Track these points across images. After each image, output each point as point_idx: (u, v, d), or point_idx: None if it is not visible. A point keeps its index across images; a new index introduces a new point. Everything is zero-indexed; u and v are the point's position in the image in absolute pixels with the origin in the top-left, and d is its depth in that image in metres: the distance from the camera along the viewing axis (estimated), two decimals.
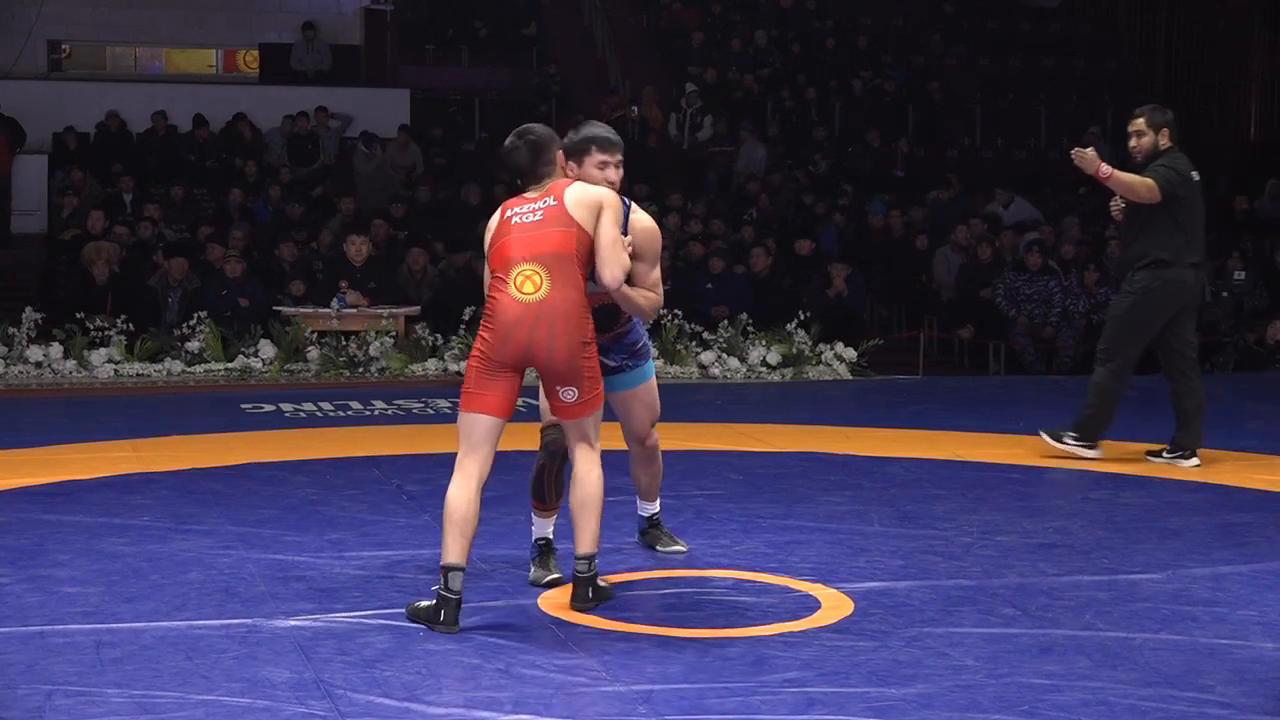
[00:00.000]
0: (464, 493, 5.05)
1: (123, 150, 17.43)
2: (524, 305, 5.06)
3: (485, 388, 5.10)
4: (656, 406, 5.83)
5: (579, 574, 5.17)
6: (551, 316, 5.05)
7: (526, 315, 5.05)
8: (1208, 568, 5.87)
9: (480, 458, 5.10)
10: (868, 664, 4.65)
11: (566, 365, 5.08)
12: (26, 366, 11.69)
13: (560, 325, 5.05)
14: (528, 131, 5.34)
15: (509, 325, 5.06)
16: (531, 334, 5.05)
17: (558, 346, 5.06)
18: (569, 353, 5.07)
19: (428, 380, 11.80)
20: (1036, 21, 21.98)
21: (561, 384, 5.12)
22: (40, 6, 19.66)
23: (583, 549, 5.16)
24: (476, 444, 5.11)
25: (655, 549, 6.01)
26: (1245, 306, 14.69)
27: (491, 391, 5.10)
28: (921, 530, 6.45)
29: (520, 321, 5.05)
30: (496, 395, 5.10)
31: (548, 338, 5.04)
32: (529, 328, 5.05)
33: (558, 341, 5.05)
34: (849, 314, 13.87)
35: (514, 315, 5.06)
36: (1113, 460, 8.12)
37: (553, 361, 5.08)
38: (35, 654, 4.66)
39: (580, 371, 5.10)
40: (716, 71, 19.68)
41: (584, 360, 5.11)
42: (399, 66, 20.07)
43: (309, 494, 7.15)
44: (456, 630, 4.94)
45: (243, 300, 12.86)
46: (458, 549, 5.00)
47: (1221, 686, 4.46)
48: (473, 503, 5.05)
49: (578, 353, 5.08)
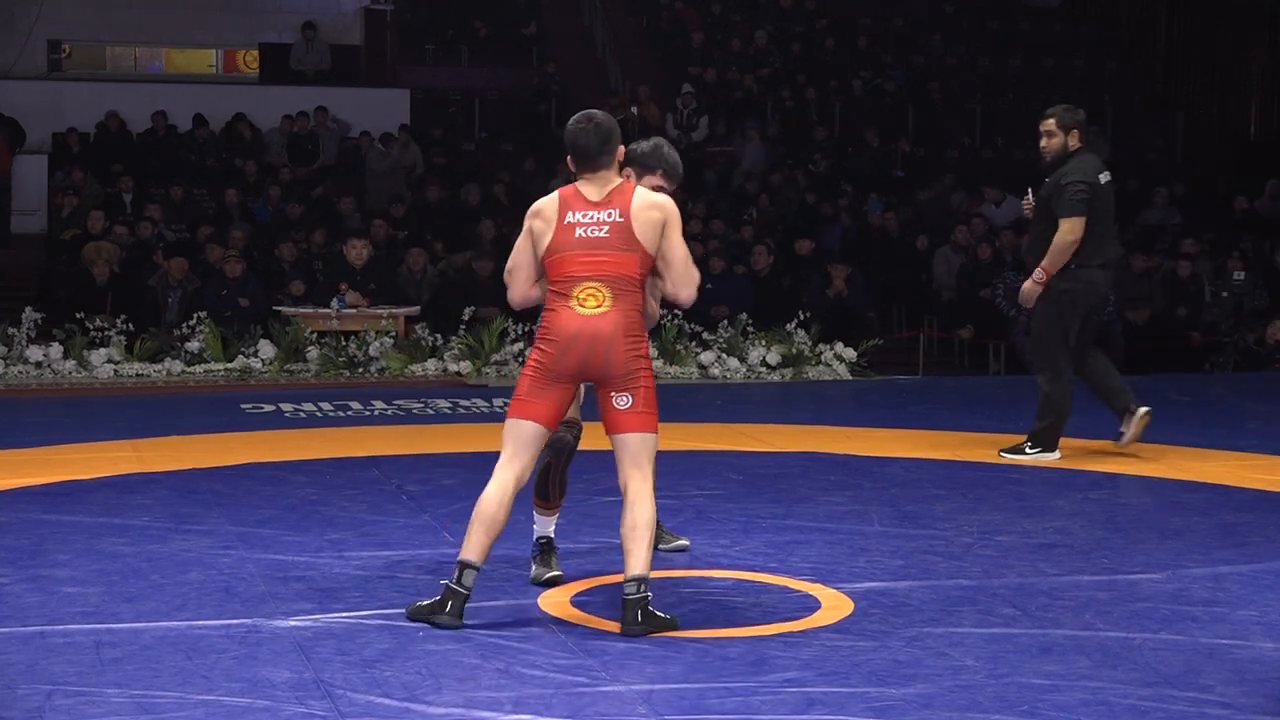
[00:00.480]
0: (498, 494, 5.06)
1: (123, 150, 17.44)
2: (584, 319, 5.07)
3: (537, 397, 5.10)
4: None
5: (628, 596, 5.00)
6: (612, 330, 5.05)
7: (586, 329, 5.06)
8: (1208, 568, 5.87)
9: (522, 464, 5.11)
10: (868, 664, 4.65)
11: (622, 370, 5.05)
12: (26, 366, 11.69)
13: (620, 336, 5.05)
14: (594, 116, 5.25)
15: (569, 338, 5.06)
16: (590, 345, 5.05)
17: (615, 355, 5.05)
18: (624, 359, 5.05)
19: (428, 380, 11.80)
20: (1036, 21, 22.00)
21: (616, 390, 5.08)
22: (40, 6, 19.67)
23: (632, 571, 5.01)
24: (519, 450, 5.11)
25: (657, 548, 5.99)
26: (1245, 306, 14.70)
27: (543, 401, 5.10)
28: (921, 530, 6.45)
29: (580, 334, 5.06)
30: (547, 405, 5.10)
31: (605, 349, 5.05)
32: (588, 340, 5.05)
33: (615, 351, 5.05)
34: (849, 314, 13.87)
35: (575, 328, 5.06)
36: (1113, 460, 8.13)
37: (609, 368, 5.06)
38: (35, 654, 4.66)
39: (636, 380, 5.07)
40: (716, 71, 19.69)
41: (639, 368, 5.08)
42: (399, 66, 20.08)
43: (309, 494, 7.15)
44: (460, 625, 4.94)
45: (243, 300, 12.87)
46: (479, 547, 5.02)
47: (1221, 686, 4.46)
48: (505, 506, 5.06)
49: (634, 362, 5.07)
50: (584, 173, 5.21)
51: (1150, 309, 14.30)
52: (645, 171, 5.49)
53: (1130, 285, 14.59)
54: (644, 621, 4.95)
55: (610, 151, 5.20)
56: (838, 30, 20.87)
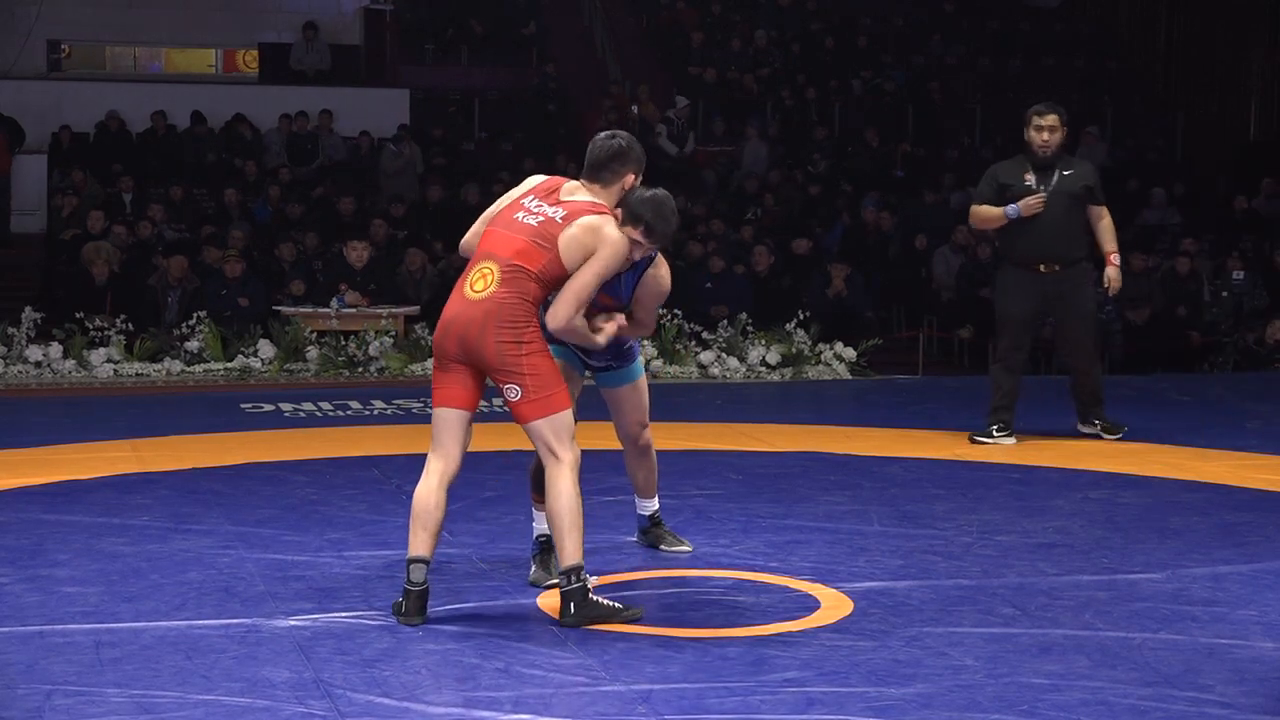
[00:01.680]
0: (425, 487, 5.07)
1: (123, 150, 17.43)
2: (463, 303, 5.07)
3: (442, 382, 5.12)
4: (645, 407, 5.82)
5: (561, 589, 5.03)
6: (485, 315, 5.00)
7: (462, 314, 5.06)
8: (1207, 567, 5.86)
9: (442, 453, 5.10)
10: (868, 664, 4.65)
11: (496, 362, 5.00)
12: (26, 366, 11.69)
13: (491, 322, 4.99)
14: (619, 134, 5.29)
15: (447, 320, 5.09)
16: (464, 330, 5.03)
17: (486, 343, 5.00)
18: (496, 349, 4.99)
19: (427, 380, 11.77)
20: (1036, 21, 22.00)
21: (501, 381, 5.04)
22: (40, 6, 19.67)
23: (562, 562, 5.02)
24: (438, 438, 5.12)
25: (659, 548, 6.01)
26: (1245, 306, 14.70)
27: (447, 385, 5.11)
28: (921, 530, 6.45)
29: (456, 318, 5.06)
30: (451, 388, 5.10)
31: (478, 336, 5.01)
32: (463, 325, 5.04)
33: (486, 337, 4.99)
34: (849, 314, 13.87)
35: (452, 312, 5.09)
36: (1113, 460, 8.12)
37: (483, 358, 5.02)
38: (35, 654, 4.66)
39: (516, 369, 4.99)
40: (716, 71, 19.68)
41: (515, 357, 4.99)
42: (399, 66, 20.07)
43: (309, 494, 7.15)
44: (419, 622, 4.97)
45: (242, 300, 12.87)
46: (420, 542, 5.03)
47: (1221, 686, 4.46)
48: (433, 495, 5.05)
49: (506, 350, 4.98)
50: (584, 179, 5.25)
51: (1150, 309, 14.29)
52: (631, 222, 5.17)
53: (1130, 285, 14.57)
54: (577, 613, 4.96)
55: (614, 171, 5.21)
56: (838, 30, 20.87)
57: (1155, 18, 22.10)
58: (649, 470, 5.97)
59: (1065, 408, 8.97)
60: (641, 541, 6.10)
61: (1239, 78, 21.04)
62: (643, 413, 5.82)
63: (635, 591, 5.46)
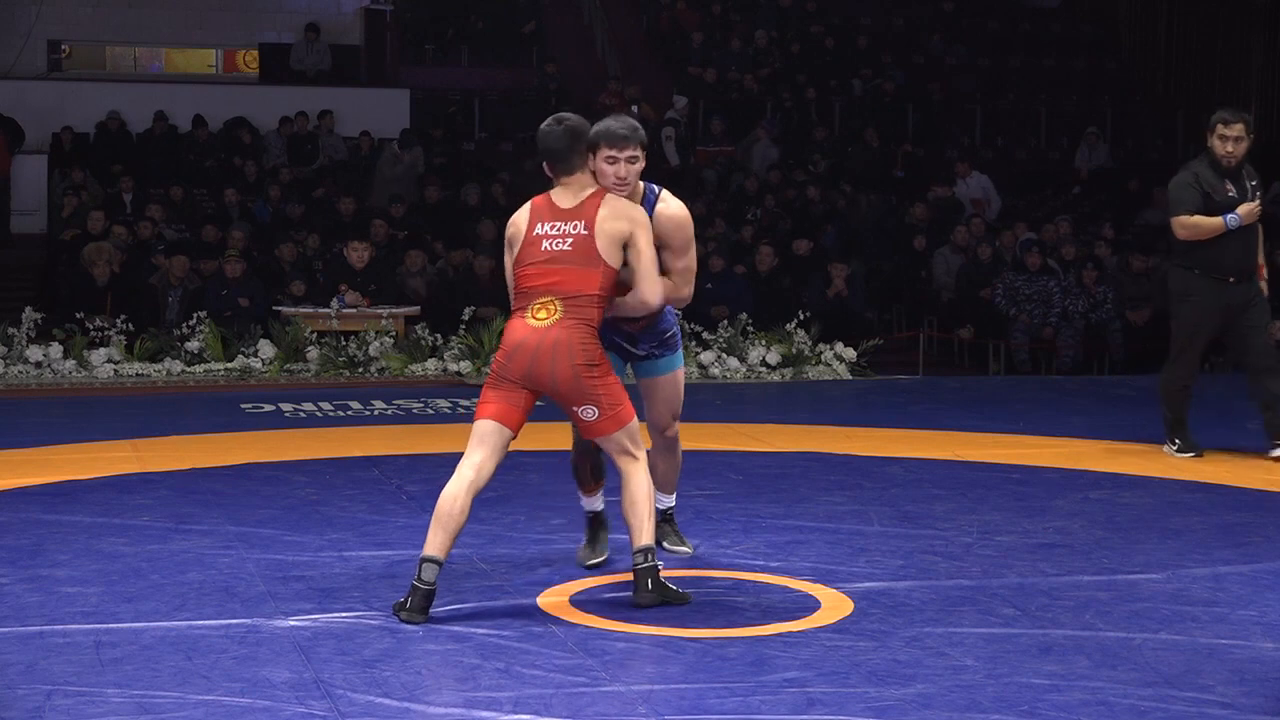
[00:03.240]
0: (453, 491, 5.17)
1: (123, 150, 17.43)
2: (531, 329, 5.18)
3: (492, 399, 5.24)
4: (678, 399, 5.75)
5: (636, 566, 5.22)
6: (555, 342, 5.14)
7: (531, 339, 5.17)
8: (1208, 568, 5.87)
9: (476, 461, 5.20)
10: (868, 664, 4.65)
11: (571, 387, 5.17)
12: (26, 366, 11.69)
13: (563, 350, 5.13)
14: (565, 118, 5.31)
15: (515, 345, 5.19)
16: (535, 356, 5.15)
17: (560, 370, 5.14)
18: (571, 374, 5.14)
19: (428, 380, 11.80)
20: (1036, 21, 22.00)
21: (576, 405, 5.21)
22: (40, 6, 19.67)
23: (638, 542, 5.21)
24: (475, 447, 5.23)
25: (662, 545, 5.96)
26: None
27: (497, 402, 5.22)
28: (921, 530, 6.45)
29: (524, 344, 5.17)
30: (499, 405, 5.22)
31: (550, 362, 5.14)
32: (532, 350, 5.16)
33: (559, 365, 5.13)
34: (849, 314, 13.87)
35: (520, 337, 5.19)
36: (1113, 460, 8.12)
37: (557, 385, 5.17)
38: (35, 654, 4.66)
39: (591, 391, 5.17)
40: (716, 71, 19.68)
41: (591, 381, 5.16)
42: (399, 66, 20.07)
43: (309, 494, 7.15)
44: (420, 620, 5.02)
45: (243, 300, 12.86)
46: (437, 543, 5.10)
47: (1221, 686, 4.46)
48: (459, 499, 5.14)
49: (581, 374, 5.15)
50: (558, 176, 5.31)
51: (1150, 309, 14.30)
52: (592, 151, 5.25)
53: (1130, 285, 14.59)
54: (654, 590, 5.17)
55: (581, 153, 5.27)
56: (838, 30, 20.87)
57: (1155, 18, 22.10)
58: (672, 466, 5.89)
59: (1066, 408, 8.96)
60: None
61: (1239, 78, 21.04)
62: (676, 405, 5.76)
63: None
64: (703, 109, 19.17)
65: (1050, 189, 18.62)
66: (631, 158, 5.30)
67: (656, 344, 5.63)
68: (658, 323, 5.58)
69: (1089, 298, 14.11)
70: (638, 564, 5.20)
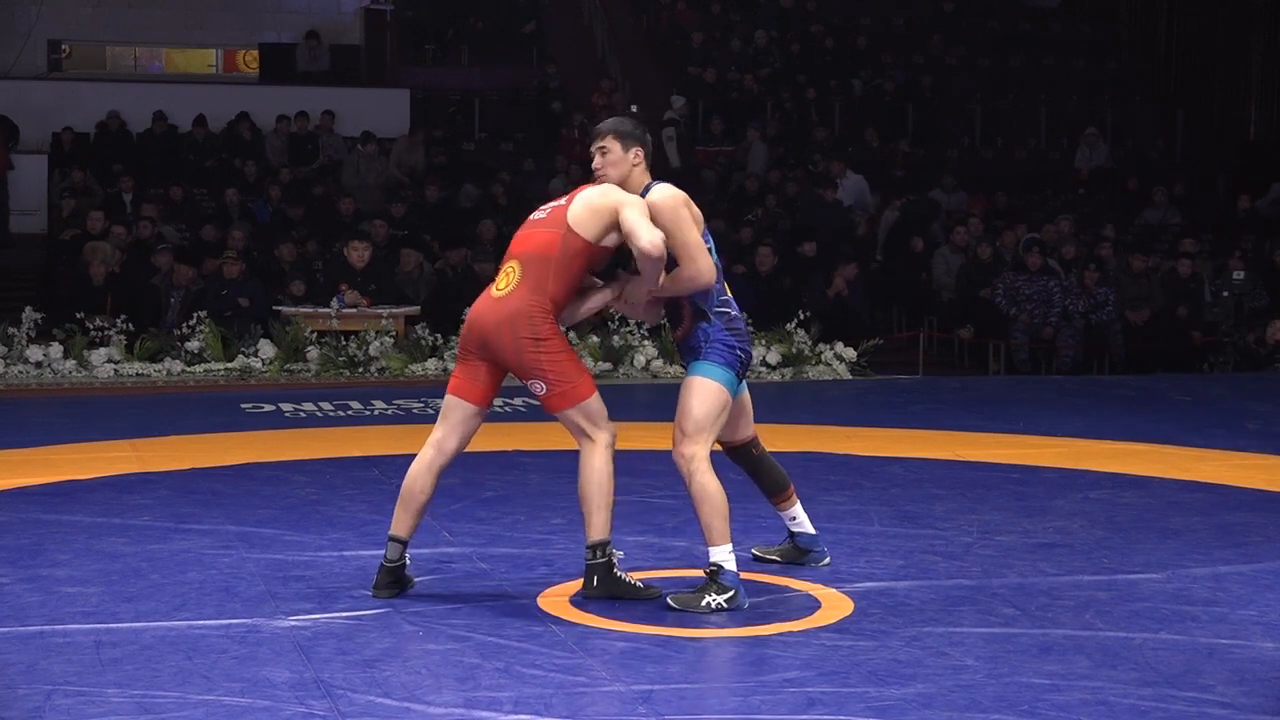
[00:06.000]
0: (414, 469, 5.32)
1: (123, 150, 17.42)
2: (489, 302, 5.26)
3: (458, 373, 5.33)
4: (686, 408, 5.26)
5: (586, 562, 5.27)
6: (502, 314, 5.19)
7: (486, 312, 5.24)
8: (1208, 568, 5.87)
9: (437, 438, 5.31)
10: (868, 664, 4.65)
11: (515, 360, 5.20)
12: (26, 366, 11.69)
13: (507, 323, 5.17)
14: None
15: (471, 318, 5.29)
16: (484, 327, 5.22)
17: (504, 342, 5.19)
18: (515, 347, 5.17)
19: (428, 380, 11.80)
20: (1036, 21, 21.99)
21: (525, 378, 5.24)
22: (40, 6, 19.67)
23: (589, 537, 5.24)
24: (439, 424, 5.34)
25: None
26: (1245, 306, 14.70)
27: (457, 375, 5.33)
28: (921, 530, 6.45)
29: (478, 317, 5.26)
30: (459, 379, 5.31)
31: (495, 332, 5.19)
32: (484, 323, 5.23)
33: (504, 338, 5.18)
34: (850, 313, 13.86)
35: (478, 309, 5.29)
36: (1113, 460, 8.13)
37: (500, 355, 5.22)
38: (35, 654, 4.66)
39: (535, 365, 5.17)
40: (716, 71, 19.68)
41: (534, 355, 5.16)
42: (399, 66, 20.07)
43: (309, 494, 7.15)
44: (386, 596, 5.22)
45: (243, 300, 12.86)
46: (397, 521, 5.28)
47: (1221, 686, 4.46)
48: (419, 479, 5.28)
49: (525, 348, 5.16)
50: None
51: (1150, 309, 14.30)
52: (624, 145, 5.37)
53: (1130, 285, 14.59)
54: (600, 586, 5.20)
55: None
56: (838, 30, 20.86)
57: (1155, 18, 22.09)
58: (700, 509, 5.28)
59: (1066, 407, 8.97)
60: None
61: (1239, 78, 21.04)
62: (683, 415, 5.26)
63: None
64: (702, 109, 19.16)
65: (1050, 189, 18.62)
66: (601, 149, 5.38)
67: (692, 356, 5.38)
68: (688, 337, 5.38)
69: (1089, 298, 14.11)
70: (586, 559, 5.26)
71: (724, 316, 5.37)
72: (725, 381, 5.32)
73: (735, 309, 5.43)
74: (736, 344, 5.35)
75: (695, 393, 5.29)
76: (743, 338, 5.40)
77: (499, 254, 5.84)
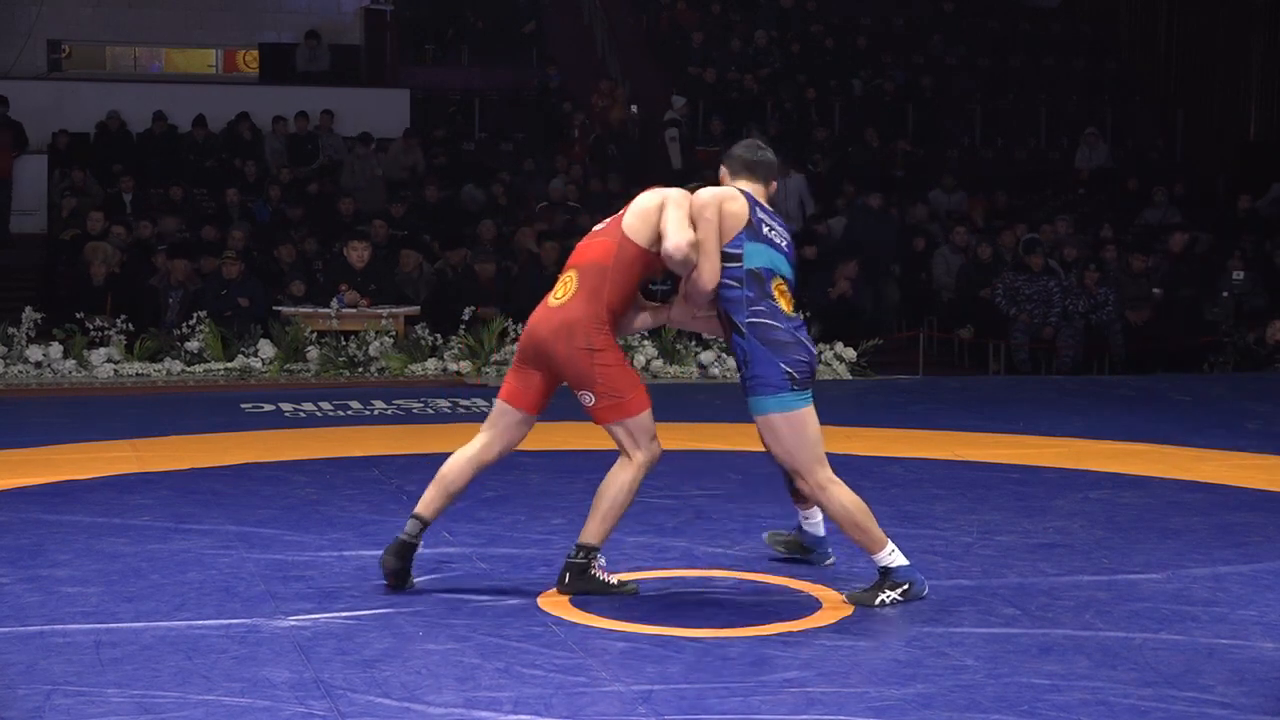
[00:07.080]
0: (458, 457, 5.39)
1: (123, 150, 17.43)
2: (543, 312, 5.33)
3: (511, 378, 5.41)
4: (784, 449, 5.27)
5: (567, 558, 5.35)
6: (558, 323, 5.24)
7: (543, 321, 5.30)
8: (1208, 568, 5.87)
9: (485, 437, 5.39)
10: (868, 664, 4.65)
11: (568, 369, 5.24)
12: (26, 366, 11.69)
13: (563, 332, 5.22)
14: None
15: (530, 326, 5.35)
16: (540, 336, 5.28)
17: (558, 350, 5.23)
18: (568, 357, 5.22)
19: (428, 380, 11.80)
20: (1036, 21, 21.99)
21: (575, 388, 5.29)
22: (40, 6, 19.67)
23: (581, 537, 5.33)
24: (489, 425, 5.41)
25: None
26: (1245, 306, 14.69)
27: (513, 382, 5.39)
28: (921, 530, 6.45)
29: (536, 326, 5.32)
30: (511, 385, 5.39)
31: (551, 341, 5.25)
32: (541, 331, 5.28)
33: (558, 346, 5.23)
34: (851, 313, 13.86)
35: (534, 319, 5.34)
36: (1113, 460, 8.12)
37: (554, 364, 5.28)
38: (35, 654, 4.66)
39: (588, 377, 5.22)
40: (716, 71, 19.68)
41: (587, 366, 5.21)
42: (399, 66, 20.07)
43: (309, 494, 7.15)
44: (391, 566, 5.30)
45: (243, 300, 12.86)
46: (426, 499, 5.35)
47: (1221, 686, 4.46)
48: (461, 467, 5.36)
49: (578, 359, 5.21)
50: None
51: (1150, 309, 14.30)
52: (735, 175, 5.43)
53: (1130, 285, 14.59)
54: (570, 584, 5.29)
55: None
56: (838, 30, 20.86)
57: (1155, 18, 22.09)
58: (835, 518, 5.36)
59: (1066, 407, 8.97)
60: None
61: (1239, 78, 21.04)
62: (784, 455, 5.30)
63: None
64: (702, 109, 19.15)
65: (1050, 189, 18.61)
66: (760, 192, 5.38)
67: (743, 381, 5.30)
68: (732, 350, 5.32)
69: (1089, 298, 14.11)
70: (568, 554, 5.36)
71: (758, 328, 5.19)
72: (780, 408, 5.21)
73: (782, 320, 5.20)
74: (779, 359, 5.18)
75: (768, 436, 5.33)
76: (788, 349, 5.18)
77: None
